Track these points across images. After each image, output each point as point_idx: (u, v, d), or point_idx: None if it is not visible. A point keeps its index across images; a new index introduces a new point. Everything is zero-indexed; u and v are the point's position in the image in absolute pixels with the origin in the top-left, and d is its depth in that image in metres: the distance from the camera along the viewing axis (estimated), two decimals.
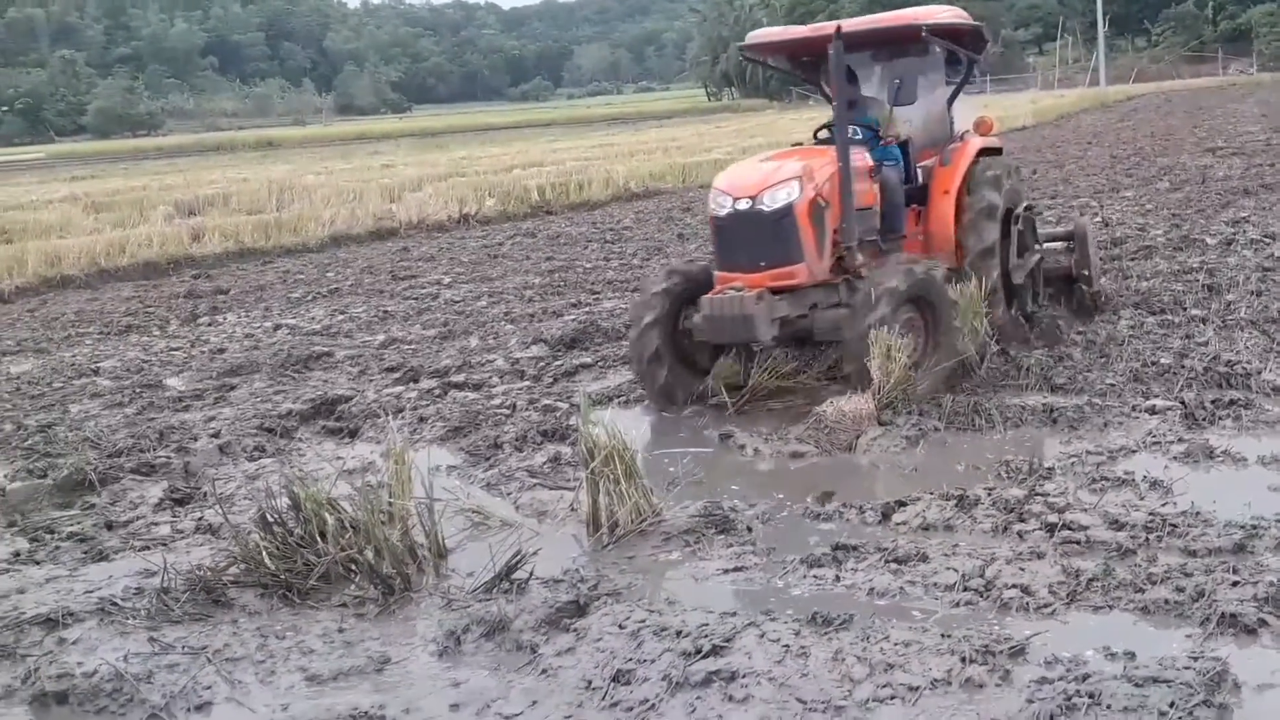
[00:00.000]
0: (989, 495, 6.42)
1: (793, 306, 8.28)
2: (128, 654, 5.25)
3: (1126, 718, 4.16)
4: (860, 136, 9.10)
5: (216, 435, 8.89)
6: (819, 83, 10.37)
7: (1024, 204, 10.02)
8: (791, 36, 9.82)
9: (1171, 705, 4.20)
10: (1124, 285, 11.60)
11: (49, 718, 4.85)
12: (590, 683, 4.71)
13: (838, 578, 5.60)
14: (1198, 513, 5.94)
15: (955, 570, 5.50)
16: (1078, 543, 5.70)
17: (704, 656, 4.80)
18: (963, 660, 4.62)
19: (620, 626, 5.14)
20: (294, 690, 4.91)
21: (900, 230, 9.25)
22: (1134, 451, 7.01)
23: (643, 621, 5.14)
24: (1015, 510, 6.17)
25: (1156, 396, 7.96)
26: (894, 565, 5.63)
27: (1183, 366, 8.48)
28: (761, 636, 4.96)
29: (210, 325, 14.50)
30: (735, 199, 8.26)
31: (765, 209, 8.16)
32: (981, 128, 10.14)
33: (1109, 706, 4.22)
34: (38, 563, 6.64)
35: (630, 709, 4.48)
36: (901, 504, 6.42)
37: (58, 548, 6.83)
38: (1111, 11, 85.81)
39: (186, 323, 14.82)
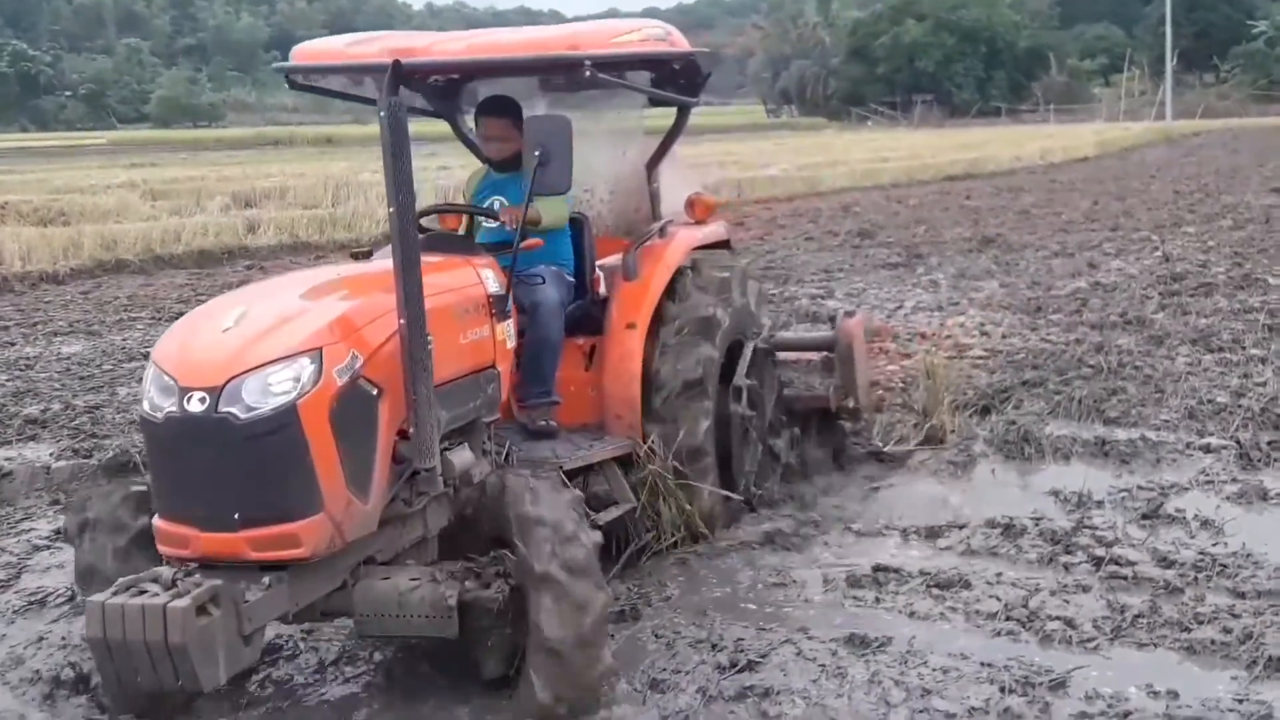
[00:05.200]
0: (1035, 525, 6.33)
1: (300, 593, 4.27)
2: None
3: None
4: (503, 242, 5.48)
5: None
6: (454, 121, 6.81)
7: (759, 333, 6.67)
8: (345, 59, 5.57)
9: None
10: (1182, 321, 11.43)
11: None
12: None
13: (878, 599, 5.53)
14: (1248, 554, 5.83)
15: (998, 599, 5.42)
16: (1124, 578, 5.61)
17: (739, 670, 4.76)
18: (1002, 690, 4.54)
19: (656, 635, 5.10)
20: None
21: (548, 389, 5.71)
22: (1186, 489, 6.88)
23: (677, 633, 5.10)
24: (1062, 542, 6.09)
25: (1211, 435, 7.81)
26: (936, 590, 5.55)
27: (1239, 405, 8.32)
28: (798, 654, 4.91)
29: None
30: (183, 389, 4.10)
31: (239, 415, 4.05)
32: (697, 208, 6.61)
33: None
34: None
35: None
36: (946, 529, 6.35)
37: None
38: (1180, 46, 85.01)
39: None
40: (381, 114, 4.19)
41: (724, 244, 6.85)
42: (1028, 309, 12.57)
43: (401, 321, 4.25)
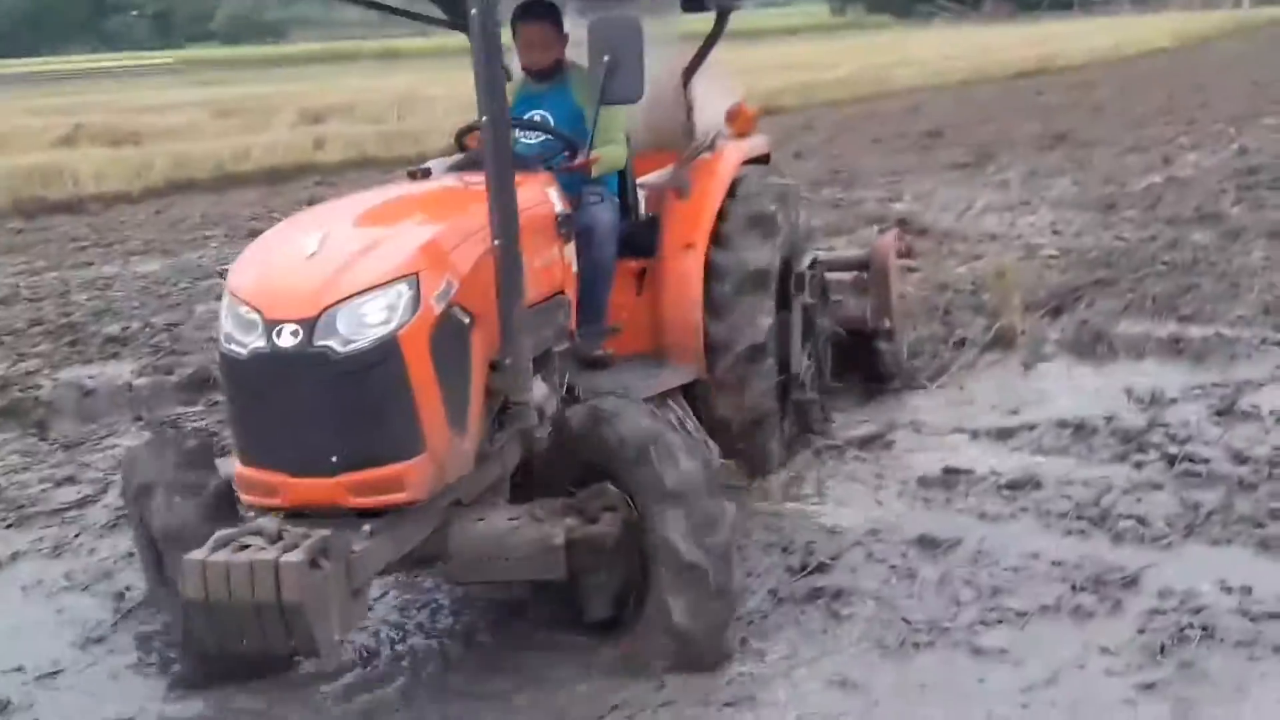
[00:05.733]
0: (1108, 425, 6.30)
1: (402, 540, 3.96)
2: None
3: (1239, 652, 4.09)
4: (545, 155, 5.11)
5: None
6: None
7: (810, 254, 6.31)
8: None
9: None
10: (1259, 215, 11.21)
11: None
12: None
13: (948, 500, 5.55)
14: None
15: (1069, 499, 5.42)
16: (1198, 475, 5.58)
17: (810, 572, 4.81)
18: (1073, 588, 4.57)
19: None
20: None
21: (603, 317, 5.25)
22: (1261, 385, 6.80)
23: (747, 537, 5.16)
24: (1134, 440, 6.06)
25: None
26: (1006, 491, 5.56)
27: None
28: (869, 556, 4.96)
29: None
30: (270, 323, 3.74)
31: (336, 349, 3.70)
32: (739, 121, 6.21)
33: (1222, 640, 4.15)
34: None
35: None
36: (1017, 430, 6.33)
37: None
38: None
39: None
40: (473, 12, 3.82)
41: (765, 158, 6.48)
42: (1100, 206, 12.39)
43: (496, 243, 3.92)
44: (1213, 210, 11.57)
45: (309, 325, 3.67)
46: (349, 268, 3.78)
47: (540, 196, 4.59)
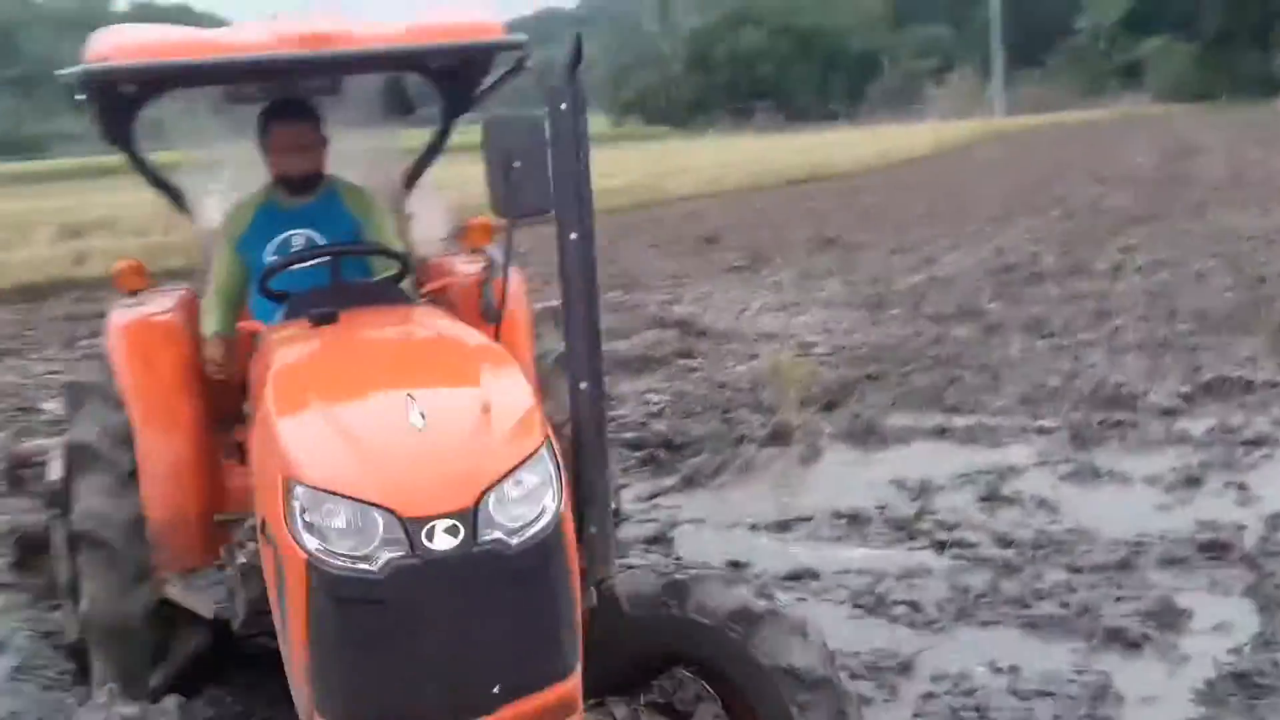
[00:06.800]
0: (881, 513, 6.46)
1: None
2: None
3: None
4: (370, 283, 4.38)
5: None
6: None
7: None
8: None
9: (1056, 718, 4.24)
10: (1016, 310, 11.78)
11: None
12: None
13: None
14: (1083, 531, 6.03)
15: (846, 587, 5.50)
16: (967, 559, 5.75)
17: None
18: (851, 675, 4.58)
19: None
20: None
21: None
22: (1022, 471, 7.07)
23: None
24: (906, 528, 6.23)
25: (1045, 418, 8.05)
26: (786, 581, 5.61)
27: (1071, 388, 8.61)
28: None
29: (91, 349, 14.10)
30: (412, 522, 2.81)
31: (508, 542, 2.89)
32: (475, 234, 5.01)
33: None
34: None
35: None
36: (794, 522, 6.42)
37: None
38: (1008, 44, 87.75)
39: (66, 346, 14.42)
40: (561, 106, 3.22)
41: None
42: (869, 305, 12.84)
43: (583, 385, 3.33)
44: (973, 307, 12.12)
45: (468, 518, 2.82)
46: (483, 437, 2.99)
47: (462, 328, 3.89)
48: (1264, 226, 16.92)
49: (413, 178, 5.50)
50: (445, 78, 5.02)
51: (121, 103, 4.33)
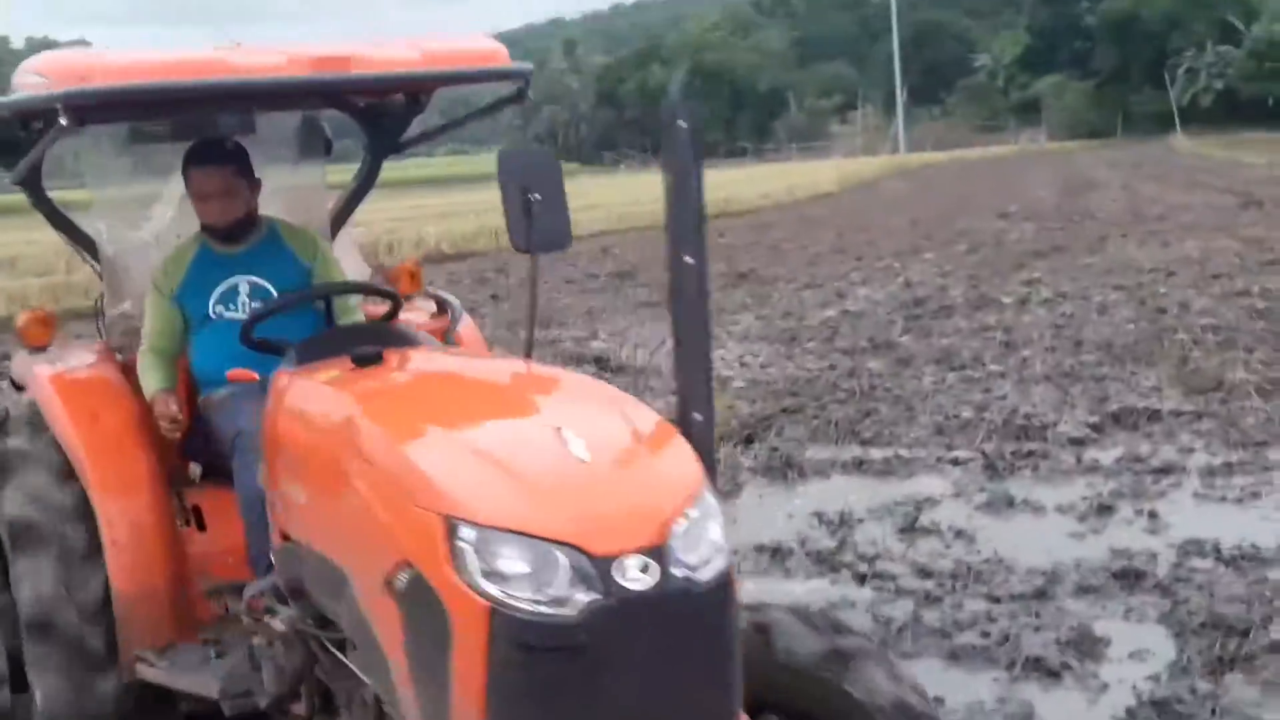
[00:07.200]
0: (802, 546, 6.49)
1: None
2: None
3: None
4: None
5: None
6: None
7: None
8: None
9: None
10: (926, 343, 11.96)
11: None
12: None
13: None
14: (1001, 560, 6.11)
15: None
16: (888, 591, 5.79)
17: None
18: None
19: None
20: None
21: None
22: (939, 501, 7.16)
23: None
24: (827, 560, 6.26)
25: (959, 449, 8.16)
26: None
27: (983, 419, 8.75)
28: None
29: None
30: (602, 560, 2.62)
31: (698, 579, 2.73)
32: (406, 279, 5.09)
33: None
34: None
35: None
36: None
37: None
38: (910, 82, 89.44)
39: None
40: (680, 123, 3.01)
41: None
42: (783, 339, 12.94)
43: (698, 417, 3.10)
44: (884, 339, 12.28)
45: (659, 555, 2.64)
46: (657, 471, 2.89)
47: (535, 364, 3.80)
48: (1163, 259, 17.36)
49: (340, 219, 5.29)
50: (372, 116, 4.91)
51: (33, 137, 4.00)
